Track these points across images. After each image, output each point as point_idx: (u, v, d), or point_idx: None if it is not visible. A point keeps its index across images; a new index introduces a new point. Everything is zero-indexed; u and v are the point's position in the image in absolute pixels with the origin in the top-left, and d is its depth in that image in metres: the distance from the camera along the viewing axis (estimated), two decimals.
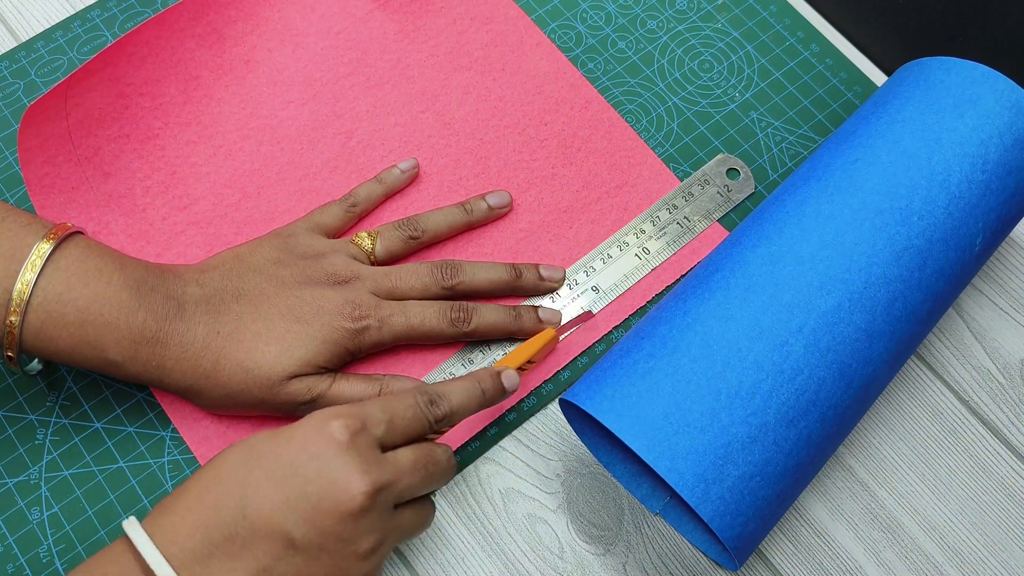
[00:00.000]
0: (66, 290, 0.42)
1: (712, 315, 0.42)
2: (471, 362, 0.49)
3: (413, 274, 0.49)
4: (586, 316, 0.49)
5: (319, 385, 0.46)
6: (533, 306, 0.50)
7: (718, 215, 0.53)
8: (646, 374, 0.41)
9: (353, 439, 0.38)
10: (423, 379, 0.49)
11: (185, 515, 0.37)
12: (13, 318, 0.41)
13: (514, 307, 0.49)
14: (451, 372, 0.49)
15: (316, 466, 0.37)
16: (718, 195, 0.54)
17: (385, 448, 0.40)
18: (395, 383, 0.47)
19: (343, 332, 0.46)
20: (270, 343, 0.45)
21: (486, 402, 0.43)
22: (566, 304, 0.51)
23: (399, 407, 0.40)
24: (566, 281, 0.51)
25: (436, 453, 0.41)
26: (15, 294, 0.41)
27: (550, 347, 0.49)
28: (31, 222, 0.43)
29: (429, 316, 0.47)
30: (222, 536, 0.37)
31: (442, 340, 0.48)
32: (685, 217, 0.53)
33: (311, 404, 0.46)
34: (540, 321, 0.49)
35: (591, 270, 0.52)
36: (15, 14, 0.58)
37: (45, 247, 0.42)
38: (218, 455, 0.39)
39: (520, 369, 0.46)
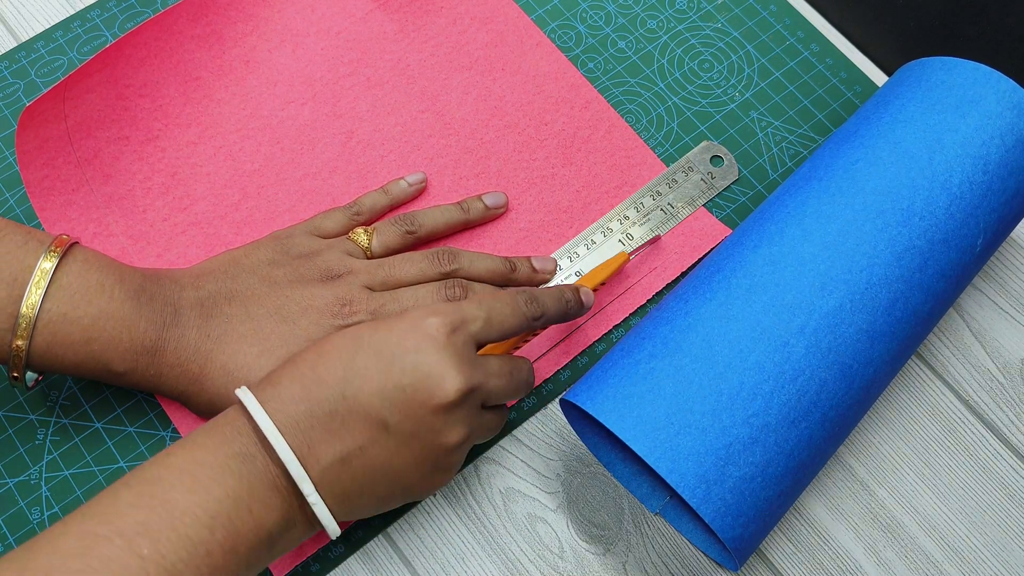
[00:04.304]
0: (71, 310, 0.42)
1: (714, 316, 0.42)
2: None
3: (409, 261, 0.48)
4: (655, 239, 0.51)
5: None
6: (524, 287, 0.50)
7: (702, 202, 0.53)
8: (647, 375, 0.41)
9: (450, 337, 0.40)
10: None
11: (291, 385, 0.39)
12: (20, 342, 0.41)
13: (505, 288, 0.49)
14: None
15: (412, 360, 0.39)
16: (702, 182, 0.54)
17: (481, 344, 0.42)
18: None
19: (331, 330, 0.45)
20: (253, 344, 0.44)
21: (569, 313, 0.45)
22: None
23: (497, 305, 0.42)
24: None
25: (520, 364, 0.43)
26: (21, 319, 0.41)
27: (620, 269, 0.50)
28: (27, 240, 0.42)
29: (423, 296, 0.47)
30: (323, 411, 0.38)
31: None
32: (669, 204, 0.53)
33: None
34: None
35: (575, 255, 0.52)
36: (15, 14, 0.58)
37: (47, 265, 0.41)
38: (321, 340, 0.40)
39: (594, 290, 0.48)
